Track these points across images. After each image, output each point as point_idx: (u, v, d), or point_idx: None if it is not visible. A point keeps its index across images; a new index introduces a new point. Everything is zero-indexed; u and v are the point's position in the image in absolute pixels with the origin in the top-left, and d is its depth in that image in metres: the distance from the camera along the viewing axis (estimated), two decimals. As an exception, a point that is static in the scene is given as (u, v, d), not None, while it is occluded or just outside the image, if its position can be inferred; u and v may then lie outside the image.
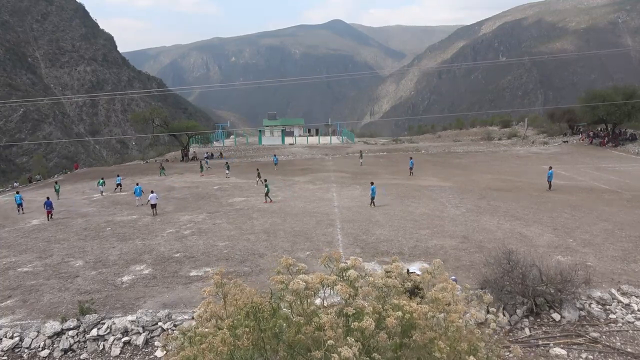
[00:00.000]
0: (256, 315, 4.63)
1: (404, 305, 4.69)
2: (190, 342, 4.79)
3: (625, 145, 49.75)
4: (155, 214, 24.35)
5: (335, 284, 4.95)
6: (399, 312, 4.61)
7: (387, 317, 4.56)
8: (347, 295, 4.78)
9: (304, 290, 4.78)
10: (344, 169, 41.46)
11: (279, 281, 4.96)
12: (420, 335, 4.51)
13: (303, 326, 4.57)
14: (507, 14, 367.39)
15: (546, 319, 11.19)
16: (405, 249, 16.62)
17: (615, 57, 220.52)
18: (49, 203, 24.67)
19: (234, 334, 4.52)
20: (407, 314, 4.60)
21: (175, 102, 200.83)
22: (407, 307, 4.63)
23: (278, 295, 4.98)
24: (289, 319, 4.82)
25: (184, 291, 13.63)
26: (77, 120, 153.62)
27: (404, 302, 4.77)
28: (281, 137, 71.81)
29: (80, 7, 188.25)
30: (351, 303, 4.79)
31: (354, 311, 4.69)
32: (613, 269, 14.16)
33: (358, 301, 4.81)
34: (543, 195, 26.49)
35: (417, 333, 4.55)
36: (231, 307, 5.05)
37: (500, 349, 5.18)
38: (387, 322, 4.47)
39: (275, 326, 4.63)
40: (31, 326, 11.74)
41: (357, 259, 5.47)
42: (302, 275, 5.04)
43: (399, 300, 4.87)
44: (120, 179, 35.10)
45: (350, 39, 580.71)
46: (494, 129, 78.20)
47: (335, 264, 5.39)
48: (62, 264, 16.76)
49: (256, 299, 4.91)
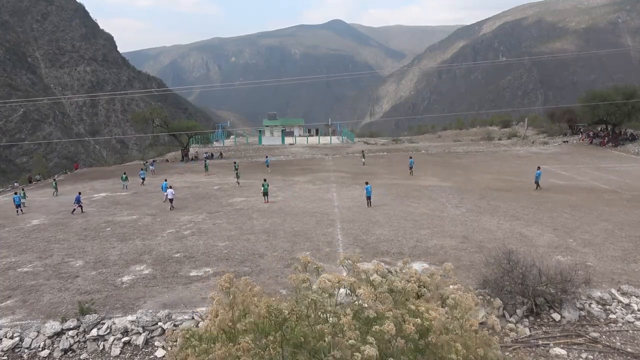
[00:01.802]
0: (281, 323, 4.56)
1: (423, 312, 4.66)
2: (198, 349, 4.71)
3: (625, 145, 49.75)
4: (172, 208, 25.96)
5: (354, 286, 4.93)
6: (417, 319, 4.58)
7: (405, 322, 4.54)
8: (370, 300, 4.76)
9: (330, 288, 4.77)
10: (344, 169, 41.46)
11: (302, 280, 4.92)
12: (436, 338, 4.50)
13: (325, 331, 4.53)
14: (507, 14, 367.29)
15: (546, 319, 11.19)
16: (405, 249, 16.61)
17: (615, 57, 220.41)
18: (78, 198, 26.70)
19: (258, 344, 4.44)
20: (425, 322, 4.58)
21: (175, 102, 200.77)
22: (427, 315, 4.60)
23: (301, 296, 4.89)
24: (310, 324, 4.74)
25: (184, 291, 13.62)
26: (77, 120, 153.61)
27: (422, 308, 4.74)
28: (281, 137, 71.80)
29: (80, 7, 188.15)
30: (371, 306, 4.77)
31: (374, 315, 4.66)
32: (613, 269, 14.16)
33: (379, 305, 4.78)
34: (543, 195, 26.49)
35: (432, 335, 4.53)
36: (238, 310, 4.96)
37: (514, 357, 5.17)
38: (406, 329, 4.45)
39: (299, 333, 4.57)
40: (31, 326, 11.74)
41: (380, 263, 5.44)
42: (325, 275, 5.02)
43: (415, 305, 4.84)
44: (144, 173, 38.74)
45: (350, 39, 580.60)
46: (494, 129, 78.18)
47: (354, 267, 5.36)
48: (62, 264, 16.76)
49: (277, 304, 4.81)
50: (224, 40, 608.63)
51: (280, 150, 60.16)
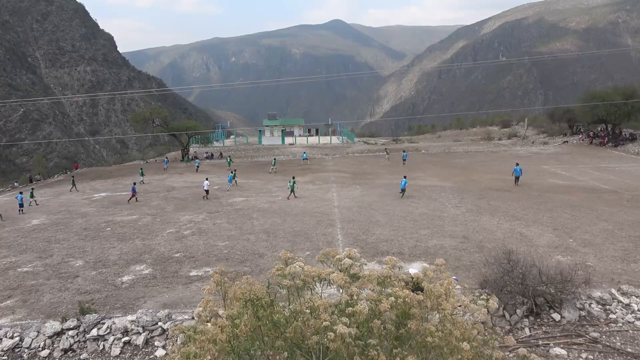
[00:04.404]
0: (254, 304, 4.65)
1: (396, 291, 4.73)
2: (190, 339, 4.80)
3: (625, 145, 49.74)
4: (207, 198, 28.15)
5: (330, 274, 4.98)
6: (391, 297, 4.64)
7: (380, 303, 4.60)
8: (342, 282, 4.80)
9: (301, 274, 4.81)
10: (344, 169, 41.45)
11: (277, 269, 4.99)
12: (416, 324, 4.54)
13: (299, 313, 4.59)
14: (507, 14, 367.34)
15: (546, 319, 11.19)
16: (405, 249, 16.62)
17: (615, 57, 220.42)
18: (133, 188, 29.17)
19: (232, 323, 4.54)
20: (399, 299, 4.63)
21: (175, 102, 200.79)
22: (400, 293, 4.67)
23: (275, 282, 5.01)
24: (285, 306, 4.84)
25: (184, 291, 13.63)
26: (77, 120, 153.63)
27: (398, 291, 4.81)
28: (281, 137, 71.80)
29: (80, 7, 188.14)
30: (346, 290, 4.82)
31: (347, 297, 4.71)
32: (613, 269, 14.16)
33: (353, 288, 4.82)
34: (543, 195, 26.48)
35: (412, 322, 4.58)
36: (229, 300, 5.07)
37: (496, 339, 5.18)
38: (380, 307, 4.51)
39: (273, 315, 4.65)
40: (31, 326, 11.74)
41: (352, 249, 5.49)
42: (299, 262, 5.07)
43: (392, 289, 4.91)
44: (167, 161, 48.36)
45: (351, 39, 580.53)
46: (494, 129, 78.16)
47: (332, 260, 5.41)
48: (62, 264, 16.76)
49: (254, 288, 4.94)
50: (224, 40, 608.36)
51: (280, 150, 60.14)
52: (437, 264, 5.52)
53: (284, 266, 5.16)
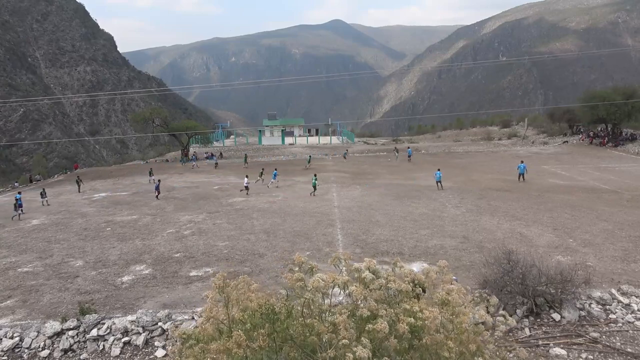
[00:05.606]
0: (271, 317, 4.58)
1: (417, 312, 4.65)
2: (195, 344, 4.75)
3: (625, 145, 49.73)
4: (247, 194, 29.23)
5: (347, 284, 4.92)
6: (411, 318, 4.57)
7: (399, 321, 4.53)
8: (361, 297, 4.76)
9: (323, 288, 4.77)
10: (344, 169, 41.46)
11: (297, 279, 4.92)
12: (430, 338, 4.49)
13: (317, 328, 4.54)
14: (507, 14, 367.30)
15: (546, 319, 11.18)
16: (405, 249, 16.62)
17: (615, 57, 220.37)
18: (157, 186, 30.22)
19: (248, 335, 4.47)
20: (419, 321, 4.56)
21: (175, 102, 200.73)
22: (420, 314, 4.59)
23: (295, 294, 4.93)
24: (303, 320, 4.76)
25: (184, 291, 13.62)
26: (77, 120, 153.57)
27: (415, 307, 4.72)
28: (281, 137, 71.79)
29: (80, 7, 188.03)
30: (365, 305, 4.77)
31: (368, 313, 4.66)
32: (613, 269, 14.15)
33: (371, 303, 4.77)
34: (543, 195, 26.48)
35: (426, 336, 4.52)
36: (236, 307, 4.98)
37: (506, 352, 5.16)
38: (399, 328, 4.44)
39: (291, 328, 4.58)
40: (31, 326, 11.73)
41: (372, 260, 5.45)
42: (320, 274, 5.01)
43: (410, 304, 4.83)
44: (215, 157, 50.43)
45: (351, 39, 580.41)
46: (494, 129, 78.15)
47: (345, 264, 5.35)
48: (62, 264, 16.75)
49: (271, 300, 4.85)
50: (224, 40, 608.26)
51: (280, 150, 60.14)
52: (439, 266, 5.49)
53: (301, 273, 5.07)
